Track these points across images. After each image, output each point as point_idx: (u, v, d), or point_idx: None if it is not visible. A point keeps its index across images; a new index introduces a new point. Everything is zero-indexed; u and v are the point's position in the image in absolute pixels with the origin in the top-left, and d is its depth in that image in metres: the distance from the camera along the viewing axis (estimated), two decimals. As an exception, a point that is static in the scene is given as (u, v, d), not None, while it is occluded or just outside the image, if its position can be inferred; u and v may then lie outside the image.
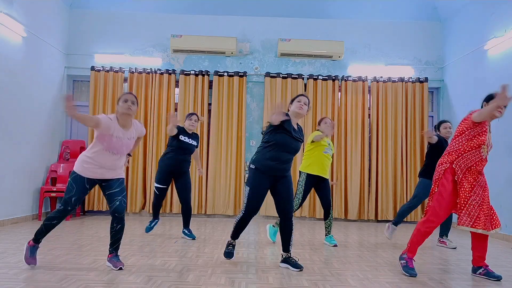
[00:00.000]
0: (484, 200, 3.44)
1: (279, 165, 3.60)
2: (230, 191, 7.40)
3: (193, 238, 5.08)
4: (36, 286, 2.91)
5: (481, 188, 3.46)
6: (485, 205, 3.43)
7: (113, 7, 7.74)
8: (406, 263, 3.54)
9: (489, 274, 3.50)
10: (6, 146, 5.90)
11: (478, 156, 3.44)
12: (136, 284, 3.02)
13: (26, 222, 6.26)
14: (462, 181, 3.46)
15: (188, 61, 7.77)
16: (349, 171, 7.50)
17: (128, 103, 3.40)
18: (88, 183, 3.44)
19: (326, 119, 4.92)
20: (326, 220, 4.90)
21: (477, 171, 3.46)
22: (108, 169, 3.45)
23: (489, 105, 3.35)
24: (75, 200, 3.38)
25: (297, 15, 7.81)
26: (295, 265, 3.60)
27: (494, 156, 6.05)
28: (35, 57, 6.60)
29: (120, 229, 3.48)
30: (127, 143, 3.48)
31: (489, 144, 3.49)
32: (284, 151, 3.59)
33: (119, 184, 3.50)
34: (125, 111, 3.39)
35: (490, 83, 6.33)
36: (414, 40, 7.89)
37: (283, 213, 3.66)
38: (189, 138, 5.04)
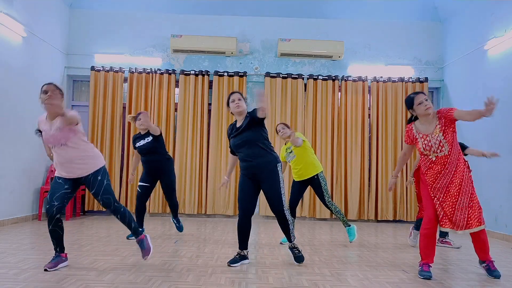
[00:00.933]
0: (445, 202, 3.46)
1: (246, 163, 3.69)
2: (230, 191, 7.40)
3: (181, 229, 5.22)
4: (36, 286, 2.91)
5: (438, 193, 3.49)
6: (447, 207, 3.46)
7: (113, 7, 7.74)
8: (421, 268, 3.50)
9: (489, 270, 3.52)
10: (6, 146, 5.90)
11: (427, 159, 3.54)
12: (136, 284, 3.02)
13: (26, 222, 6.26)
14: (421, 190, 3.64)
15: (188, 61, 7.77)
16: (349, 171, 7.51)
17: (49, 93, 3.37)
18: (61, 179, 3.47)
19: (278, 127, 4.80)
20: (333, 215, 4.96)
21: (434, 175, 3.50)
22: (65, 165, 3.42)
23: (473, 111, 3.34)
24: (50, 196, 3.41)
25: (297, 15, 7.81)
26: (297, 257, 3.75)
27: (494, 158, 6.04)
28: (35, 57, 6.60)
29: (121, 218, 3.56)
30: (54, 134, 3.39)
31: (429, 147, 3.47)
32: (238, 151, 3.74)
33: (95, 183, 3.46)
34: (44, 102, 3.38)
35: (490, 83, 6.33)
36: (414, 40, 7.89)
37: (272, 209, 3.74)
38: (142, 139, 4.97)
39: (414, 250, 4.75)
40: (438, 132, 3.45)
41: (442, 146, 3.45)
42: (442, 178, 3.48)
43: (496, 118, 6.12)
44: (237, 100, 3.70)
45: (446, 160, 3.46)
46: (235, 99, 3.70)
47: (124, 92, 7.71)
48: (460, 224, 3.42)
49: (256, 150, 3.66)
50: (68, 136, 3.42)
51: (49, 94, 3.34)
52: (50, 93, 3.35)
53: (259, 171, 3.68)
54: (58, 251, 3.48)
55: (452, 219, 3.44)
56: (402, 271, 3.66)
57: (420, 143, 3.54)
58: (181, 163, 7.41)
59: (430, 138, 3.48)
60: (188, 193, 7.36)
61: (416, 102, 3.50)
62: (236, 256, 3.78)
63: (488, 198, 6.09)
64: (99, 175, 3.50)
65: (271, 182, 3.67)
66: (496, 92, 6.16)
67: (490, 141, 6.22)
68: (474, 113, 3.26)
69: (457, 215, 3.42)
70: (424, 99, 3.48)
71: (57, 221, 3.41)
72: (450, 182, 3.46)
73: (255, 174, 3.70)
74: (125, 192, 7.41)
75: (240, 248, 3.80)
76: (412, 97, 3.54)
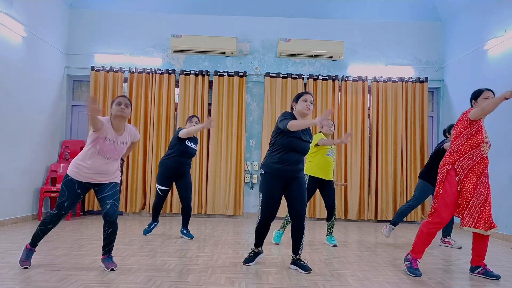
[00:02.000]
0: (487, 200, 3.45)
1: (289, 167, 3.52)
2: (230, 191, 7.40)
3: (191, 237, 5.09)
4: (36, 286, 2.91)
5: (484, 188, 3.46)
6: (488, 206, 3.44)
7: (113, 7, 7.74)
8: (410, 264, 3.53)
9: (488, 273, 3.51)
10: (6, 146, 5.90)
11: (479, 155, 3.44)
12: (136, 284, 3.02)
13: (26, 222, 6.26)
14: (464, 181, 3.46)
15: (188, 61, 7.77)
16: (349, 171, 7.50)
17: (122, 106, 3.37)
18: (80, 188, 3.39)
19: (329, 121, 4.85)
20: (329, 221, 4.89)
21: (480, 171, 3.45)
22: (100, 174, 3.40)
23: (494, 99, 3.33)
24: (68, 205, 3.37)
25: (297, 15, 7.81)
26: (304, 267, 3.54)
27: (495, 156, 6.05)
28: (35, 57, 6.60)
29: (112, 232, 3.43)
30: (119, 147, 3.44)
31: (487, 142, 3.48)
32: (292, 152, 3.52)
33: (111, 187, 3.43)
34: (118, 113, 3.36)
35: (490, 83, 6.32)
36: (414, 40, 7.89)
37: (296, 214, 3.55)
38: (192, 143, 5.04)
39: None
40: (485, 130, 3.51)
41: (490, 147, 3.50)
42: (484, 178, 3.49)
43: (496, 118, 6.13)
44: (310, 103, 3.56)
45: (488, 163, 3.50)
46: (307, 100, 3.56)
47: (124, 92, 7.71)
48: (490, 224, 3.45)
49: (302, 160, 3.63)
50: (124, 152, 3.56)
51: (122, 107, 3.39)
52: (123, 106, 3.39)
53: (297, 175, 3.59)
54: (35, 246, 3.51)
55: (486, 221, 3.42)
56: (402, 271, 3.66)
57: (484, 134, 3.46)
58: (181, 163, 7.41)
59: (487, 135, 3.50)
60: (188, 193, 7.36)
61: (484, 96, 3.52)
62: (250, 254, 3.76)
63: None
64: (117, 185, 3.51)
65: (301, 185, 3.60)
66: (496, 92, 6.15)
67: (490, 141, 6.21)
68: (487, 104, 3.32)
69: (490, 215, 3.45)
70: (491, 97, 3.51)
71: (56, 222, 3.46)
72: (488, 184, 3.50)
73: (293, 177, 3.58)
74: (125, 192, 7.41)
75: (256, 246, 3.77)
76: (483, 90, 3.58)
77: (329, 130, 4.83)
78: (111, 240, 3.46)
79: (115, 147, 3.40)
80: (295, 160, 3.54)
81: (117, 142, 3.42)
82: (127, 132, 3.52)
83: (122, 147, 3.47)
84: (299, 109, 3.58)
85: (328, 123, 4.82)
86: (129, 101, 3.47)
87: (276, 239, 4.95)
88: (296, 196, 3.55)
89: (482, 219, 3.41)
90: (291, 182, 3.58)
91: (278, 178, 3.54)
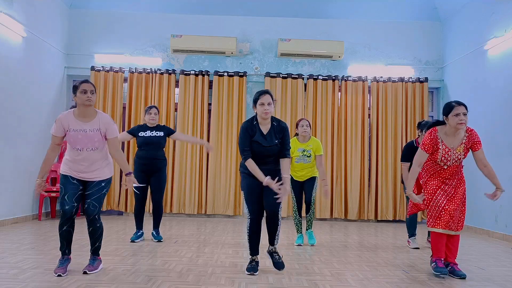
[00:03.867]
0: (452, 200, 3.50)
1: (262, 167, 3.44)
2: (230, 191, 7.40)
3: (160, 240, 4.85)
4: (36, 286, 2.91)
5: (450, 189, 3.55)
6: (452, 205, 3.49)
7: (113, 7, 7.74)
8: (435, 265, 3.51)
9: (455, 272, 3.49)
10: (6, 146, 5.90)
11: (438, 166, 3.58)
12: (136, 284, 3.02)
13: (26, 222, 6.26)
14: (426, 183, 3.64)
15: (188, 61, 7.77)
16: (349, 171, 7.50)
17: (88, 95, 3.26)
18: (75, 179, 3.34)
19: (302, 121, 4.79)
20: (306, 215, 4.90)
21: (444, 177, 3.57)
22: (81, 168, 3.32)
23: (410, 176, 3.60)
24: (68, 197, 3.28)
25: (297, 15, 7.81)
26: (277, 263, 3.47)
27: (495, 156, 6.05)
28: (35, 57, 6.59)
29: (93, 231, 3.38)
30: (89, 135, 3.29)
31: (446, 160, 3.50)
32: (258, 157, 3.47)
33: (94, 186, 3.35)
34: (86, 103, 3.26)
35: (490, 83, 6.33)
36: (414, 40, 7.89)
37: (268, 207, 3.46)
38: (152, 131, 4.85)
39: (413, 250, 4.75)
40: (462, 150, 3.48)
41: (459, 159, 3.53)
42: (451, 179, 3.56)
43: (496, 118, 6.13)
44: (267, 104, 3.39)
45: (455, 170, 3.57)
46: (265, 103, 3.39)
47: (124, 92, 7.71)
48: (456, 225, 3.53)
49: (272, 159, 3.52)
50: (101, 140, 3.37)
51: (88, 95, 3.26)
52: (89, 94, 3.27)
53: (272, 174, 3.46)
54: (66, 253, 3.36)
55: (449, 221, 3.47)
56: (402, 271, 3.66)
57: (440, 154, 3.48)
58: (181, 163, 7.41)
59: (452, 153, 3.48)
60: (188, 193, 7.36)
61: (454, 112, 3.36)
62: (253, 264, 3.50)
63: (488, 198, 6.09)
64: (103, 182, 3.42)
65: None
66: (496, 92, 6.17)
67: (489, 141, 6.21)
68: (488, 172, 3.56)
69: (454, 218, 3.50)
70: (462, 112, 3.34)
71: (72, 222, 3.34)
72: (456, 188, 3.55)
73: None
74: (125, 192, 7.41)
75: (252, 255, 3.53)
76: (453, 105, 3.39)
77: (304, 132, 4.75)
78: (94, 239, 3.41)
79: (83, 135, 3.28)
80: (263, 162, 3.46)
81: (85, 130, 3.29)
82: (98, 119, 3.35)
83: (92, 134, 3.30)
84: (258, 114, 3.47)
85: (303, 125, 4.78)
86: (94, 87, 3.34)
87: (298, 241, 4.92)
88: (268, 191, 3.42)
89: (442, 218, 3.48)
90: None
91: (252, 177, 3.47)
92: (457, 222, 3.52)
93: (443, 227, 3.48)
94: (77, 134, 3.28)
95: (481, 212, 6.24)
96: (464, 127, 3.40)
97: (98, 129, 3.33)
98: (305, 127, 4.74)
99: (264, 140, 3.46)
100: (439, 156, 3.49)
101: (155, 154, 4.86)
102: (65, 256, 3.35)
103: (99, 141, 3.35)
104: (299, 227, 4.95)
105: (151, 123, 4.89)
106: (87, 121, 3.32)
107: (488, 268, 3.90)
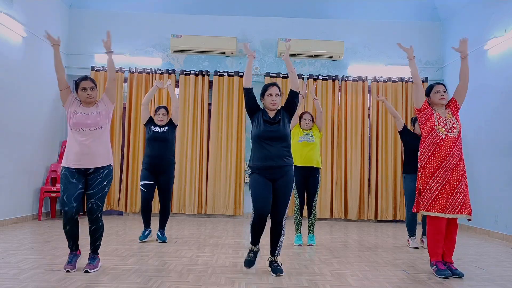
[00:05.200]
0: (449, 183, 3.46)
1: (267, 162, 3.37)
2: (230, 191, 7.40)
3: (164, 240, 4.80)
4: (36, 286, 2.91)
5: (446, 172, 3.49)
6: (449, 188, 3.45)
7: (113, 7, 7.74)
8: (437, 268, 3.50)
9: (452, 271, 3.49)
10: (6, 146, 5.90)
11: (437, 137, 3.55)
12: (136, 284, 3.02)
13: (26, 222, 6.26)
14: (424, 167, 3.59)
15: (188, 61, 7.77)
16: (349, 171, 7.50)
17: (88, 92, 3.41)
18: (73, 177, 3.33)
19: (305, 115, 4.94)
20: (308, 218, 4.89)
21: (443, 154, 3.51)
22: (83, 155, 3.34)
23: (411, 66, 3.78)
24: (67, 197, 3.28)
25: (297, 15, 7.81)
26: (274, 269, 3.40)
27: (495, 156, 6.06)
28: (35, 57, 6.59)
29: (95, 230, 3.41)
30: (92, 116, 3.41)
31: (445, 123, 3.58)
32: (263, 142, 3.38)
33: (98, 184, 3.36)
34: (87, 100, 3.43)
35: (490, 83, 6.33)
36: (414, 40, 7.82)
37: (273, 215, 3.44)
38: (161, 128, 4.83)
39: (413, 250, 4.75)
40: (451, 116, 3.64)
41: (454, 127, 3.57)
42: (450, 160, 3.50)
43: (496, 118, 6.13)
44: (275, 96, 3.47)
45: (455, 143, 3.53)
46: (272, 94, 3.46)
47: (124, 92, 7.71)
48: (455, 208, 3.44)
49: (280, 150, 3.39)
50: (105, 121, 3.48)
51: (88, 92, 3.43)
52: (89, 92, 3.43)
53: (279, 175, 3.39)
54: (74, 249, 3.46)
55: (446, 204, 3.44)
56: (402, 271, 3.66)
57: (435, 117, 3.61)
58: (181, 163, 7.41)
59: (444, 118, 3.62)
60: (188, 193, 7.36)
61: (434, 90, 3.73)
62: (250, 255, 3.53)
63: (488, 198, 6.09)
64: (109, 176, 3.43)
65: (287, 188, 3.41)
66: (496, 92, 6.17)
67: (489, 141, 6.22)
68: (462, 67, 3.75)
69: (455, 198, 3.45)
70: (442, 90, 3.71)
71: (75, 221, 3.37)
72: (456, 166, 3.51)
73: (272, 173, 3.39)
74: (125, 192, 7.41)
75: (252, 244, 3.54)
76: (433, 85, 3.78)
77: (306, 126, 4.91)
78: (95, 238, 3.45)
79: (87, 117, 3.40)
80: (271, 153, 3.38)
81: (88, 113, 3.42)
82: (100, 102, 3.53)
83: (94, 115, 3.43)
84: (266, 105, 3.53)
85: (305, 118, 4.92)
86: (93, 82, 3.46)
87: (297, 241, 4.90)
88: (277, 197, 3.40)
89: (438, 201, 3.45)
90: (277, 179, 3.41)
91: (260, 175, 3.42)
92: (457, 204, 3.43)
93: (439, 210, 3.43)
94: (82, 116, 3.40)
95: (481, 212, 6.24)
96: (444, 102, 3.69)
97: (100, 111, 3.47)
98: (307, 121, 4.92)
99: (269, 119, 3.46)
100: (435, 119, 3.60)
101: (163, 152, 4.80)
102: (73, 252, 3.45)
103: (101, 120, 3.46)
104: (298, 226, 4.95)
105: (160, 123, 4.90)
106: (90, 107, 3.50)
107: (488, 268, 3.90)
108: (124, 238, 5.01)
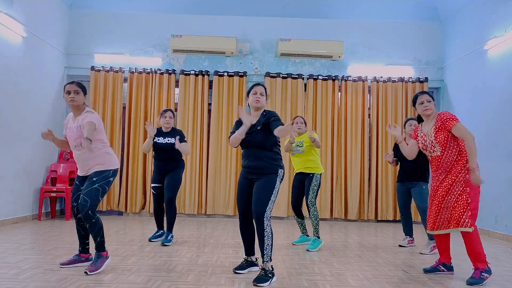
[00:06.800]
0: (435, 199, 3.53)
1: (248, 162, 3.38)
2: (230, 191, 7.40)
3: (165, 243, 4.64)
4: (36, 286, 2.91)
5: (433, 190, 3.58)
6: (435, 205, 3.52)
7: (113, 7, 7.74)
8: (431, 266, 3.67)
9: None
10: (6, 146, 5.90)
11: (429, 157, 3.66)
12: (136, 284, 3.02)
13: (26, 222, 6.26)
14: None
15: (188, 61, 7.77)
16: (349, 171, 7.50)
17: (71, 95, 3.42)
18: (78, 179, 3.55)
19: (297, 119, 4.94)
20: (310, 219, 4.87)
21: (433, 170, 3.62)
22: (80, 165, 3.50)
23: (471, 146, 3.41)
24: (71, 197, 3.53)
25: (297, 15, 7.81)
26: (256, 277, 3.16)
27: (494, 157, 6.05)
28: (35, 57, 6.59)
29: (90, 227, 3.34)
30: (77, 130, 3.40)
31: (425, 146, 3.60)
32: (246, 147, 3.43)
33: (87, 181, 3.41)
34: (70, 103, 3.45)
35: (490, 83, 6.33)
36: (414, 40, 7.89)
37: (253, 214, 3.26)
38: (164, 138, 4.83)
39: (413, 250, 4.75)
40: (432, 133, 3.53)
41: (434, 147, 3.52)
42: (436, 176, 3.56)
43: (496, 119, 6.13)
44: (260, 95, 3.43)
45: (439, 161, 3.52)
46: (257, 92, 3.44)
47: (124, 92, 7.71)
48: (444, 224, 3.47)
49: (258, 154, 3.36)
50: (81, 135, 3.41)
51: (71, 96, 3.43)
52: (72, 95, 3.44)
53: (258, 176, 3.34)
54: (80, 250, 3.55)
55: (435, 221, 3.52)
56: (402, 271, 3.66)
57: (420, 142, 3.67)
58: (181, 163, 7.40)
59: (426, 138, 3.60)
60: (188, 193, 7.36)
61: (418, 101, 3.66)
62: (242, 262, 3.51)
63: (488, 198, 6.09)
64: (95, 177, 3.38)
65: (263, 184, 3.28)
66: (496, 92, 6.17)
67: (489, 141, 6.22)
68: (469, 147, 3.32)
69: (442, 213, 3.47)
70: (426, 100, 3.60)
71: (79, 221, 3.49)
72: (440, 184, 3.51)
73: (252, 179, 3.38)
74: (125, 192, 7.41)
75: (247, 254, 3.52)
76: (417, 95, 3.71)
77: (299, 129, 4.89)
78: (94, 235, 3.39)
79: (72, 133, 3.46)
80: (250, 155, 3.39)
81: (72, 128, 3.46)
82: (80, 117, 3.44)
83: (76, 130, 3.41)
84: (250, 103, 3.48)
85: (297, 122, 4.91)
86: (78, 86, 3.46)
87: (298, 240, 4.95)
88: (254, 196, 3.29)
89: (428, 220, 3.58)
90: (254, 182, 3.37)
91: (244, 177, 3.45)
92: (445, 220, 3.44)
93: (429, 228, 3.57)
94: (69, 131, 3.50)
95: (481, 212, 6.19)
96: (429, 112, 3.58)
97: (79, 125, 3.43)
98: (299, 124, 4.91)
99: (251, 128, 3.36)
100: (420, 143, 3.67)
101: (170, 158, 4.89)
102: (78, 253, 3.56)
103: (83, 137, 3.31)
104: (301, 227, 4.99)
105: (166, 127, 4.89)
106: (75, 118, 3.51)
107: (488, 268, 3.89)
108: (124, 238, 5.01)
